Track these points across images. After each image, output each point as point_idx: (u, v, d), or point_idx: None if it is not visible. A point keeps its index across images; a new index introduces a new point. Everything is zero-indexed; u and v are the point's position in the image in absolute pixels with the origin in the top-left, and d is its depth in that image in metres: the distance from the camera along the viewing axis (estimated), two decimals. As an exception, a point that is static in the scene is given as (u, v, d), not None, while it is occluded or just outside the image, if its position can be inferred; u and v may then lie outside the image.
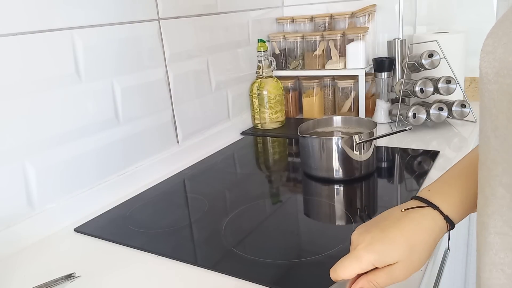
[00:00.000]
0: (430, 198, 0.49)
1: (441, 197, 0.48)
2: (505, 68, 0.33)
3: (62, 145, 0.83)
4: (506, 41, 0.33)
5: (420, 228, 0.46)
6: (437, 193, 0.49)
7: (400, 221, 0.47)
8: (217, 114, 1.25)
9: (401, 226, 0.46)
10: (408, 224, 0.47)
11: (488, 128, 0.36)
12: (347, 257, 0.47)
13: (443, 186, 0.51)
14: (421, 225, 0.47)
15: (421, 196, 0.50)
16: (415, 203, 0.49)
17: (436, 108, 1.16)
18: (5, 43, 0.73)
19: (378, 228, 0.47)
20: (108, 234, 0.78)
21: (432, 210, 0.48)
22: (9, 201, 0.76)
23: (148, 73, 1.00)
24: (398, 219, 0.47)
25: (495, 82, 0.34)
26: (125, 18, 0.93)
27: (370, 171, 0.94)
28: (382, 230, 0.47)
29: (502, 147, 0.35)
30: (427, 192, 0.50)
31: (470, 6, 1.31)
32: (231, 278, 0.62)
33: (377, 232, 0.47)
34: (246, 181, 1.01)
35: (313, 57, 1.39)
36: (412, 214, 0.48)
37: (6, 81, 0.73)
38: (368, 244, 0.46)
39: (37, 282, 0.59)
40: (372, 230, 0.48)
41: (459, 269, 1.18)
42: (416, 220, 0.47)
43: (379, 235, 0.46)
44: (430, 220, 0.47)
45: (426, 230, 0.47)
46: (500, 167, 0.35)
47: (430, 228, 0.47)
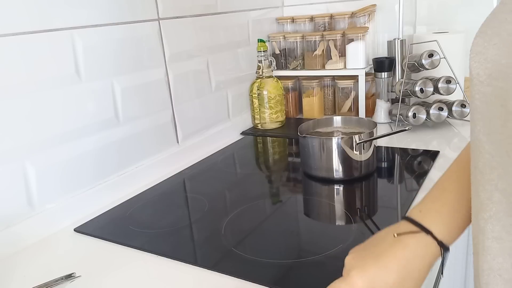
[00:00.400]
0: (422, 221, 0.47)
1: (433, 220, 0.47)
2: (498, 70, 0.32)
3: (62, 145, 0.83)
4: (497, 42, 0.33)
5: (414, 256, 0.45)
6: (428, 214, 0.48)
7: (393, 247, 0.46)
8: (217, 114, 1.25)
9: (394, 253, 0.45)
10: (402, 251, 0.45)
11: (480, 132, 0.35)
12: (340, 281, 0.46)
13: (434, 206, 0.48)
14: (415, 253, 0.45)
15: (413, 218, 0.48)
16: (407, 227, 0.48)
17: (436, 108, 1.16)
18: (5, 43, 0.73)
19: (371, 253, 0.46)
20: (108, 234, 0.78)
21: (425, 236, 0.46)
22: (9, 201, 0.76)
23: (148, 73, 1.00)
24: (391, 245, 0.46)
25: (488, 85, 0.33)
26: (125, 18, 0.93)
27: (370, 171, 0.94)
28: (376, 257, 0.46)
29: (497, 152, 0.34)
30: (419, 213, 0.48)
31: (470, 6, 1.31)
32: (231, 278, 0.62)
33: (371, 257, 0.46)
34: (246, 181, 1.01)
35: (313, 57, 1.39)
36: (405, 240, 0.46)
37: (6, 81, 0.73)
38: (361, 270, 0.45)
39: (37, 282, 0.59)
40: (365, 255, 0.47)
41: (459, 269, 1.18)
42: (409, 248, 0.46)
43: (373, 261, 0.45)
44: (423, 247, 0.46)
45: (420, 257, 0.45)
46: (496, 172, 0.35)
47: (424, 255, 0.46)
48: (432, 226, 0.46)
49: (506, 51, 0.32)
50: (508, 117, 0.32)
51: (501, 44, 0.32)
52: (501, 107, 0.32)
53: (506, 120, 0.32)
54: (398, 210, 0.79)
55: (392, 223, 0.73)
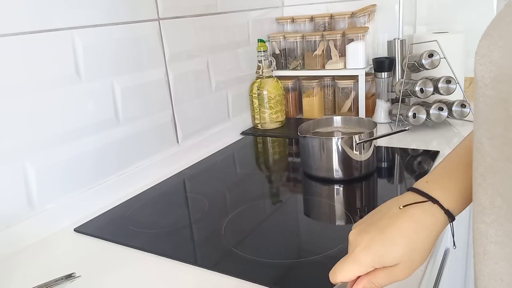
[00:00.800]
0: (429, 191, 0.46)
1: (440, 190, 0.46)
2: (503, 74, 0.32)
3: (62, 145, 0.83)
4: (502, 44, 0.32)
5: (420, 226, 0.45)
6: (436, 185, 0.47)
7: (399, 219, 0.45)
8: (217, 114, 1.25)
9: (401, 225, 0.45)
10: (408, 222, 0.45)
11: (482, 135, 0.35)
12: (345, 259, 0.45)
13: (442, 177, 0.48)
14: (421, 223, 0.45)
15: (419, 189, 0.48)
16: (413, 197, 0.47)
17: (436, 108, 1.16)
18: (5, 43, 0.73)
19: (376, 228, 0.45)
20: (108, 234, 0.78)
21: (432, 205, 0.45)
22: (9, 201, 0.76)
23: (148, 73, 1.00)
24: (397, 217, 0.45)
25: (493, 88, 0.33)
26: (125, 18, 0.93)
27: (370, 171, 0.94)
28: (381, 231, 0.45)
29: (500, 156, 0.34)
30: (425, 184, 0.48)
31: (470, 6, 1.31)
32: (231, 278, 0.62)
33: (376, 232, 0.45)
34: (246, 181, 1.01)
35: (313, 57, 1.39)
36: (411, 210, 0.45)
37: (6, 81, 0.73)
38: (366, 246, 0.44)
39: (37, 282, 0.59)
40: (370, 230, 0.46)
41: (459, 269, 1.18)
42: (416, 218, 0.45)
43: (378, 235, 0.44)
44: (430, 217, 0.45)
45: (427, 227, 0.45)
46: (498, 176, 0.34)
47: (431, 225, 0.45)
48: (439, 195, 0.46)
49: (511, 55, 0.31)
50: (510, 121, 0.32)
51: (506, 47, 0.32)
52: (504, 111, 0.32)
53: (509, 124, 0.32)
54: (398, 210, 0.79)
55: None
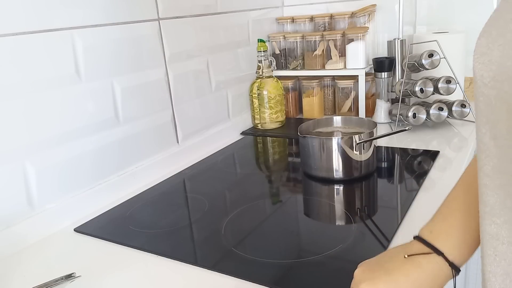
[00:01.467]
0: (433, 242, 0.47)
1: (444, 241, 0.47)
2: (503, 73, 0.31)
3: (62, 145, 0.83)
4: (502, 43, 0.32)
5: (426, 275, 0.45)
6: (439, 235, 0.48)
7: (406, 265, 0.46)
8: (217, 114, 1.25)
9: (406, 271, 0.45)
10: (414, 269, 0.46)
11: (485, 135, 0.35)
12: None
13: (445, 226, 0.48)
14: (427, 272, 0.45)
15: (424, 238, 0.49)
16: (418, 247, 0.48)
17: (436, 108, 1.16)
18: (5, 43, 0.73)
19: (383, 269, 0.47)
20: (108, 234, 0.78)
21: (437, 257, 0.46)
22: (9, 201, 0.76)
23: (148, 73, 1.00)
24: (403, 263, 0.46)
25: (493, 88, 0.32)
26: (125, 18, 0.93)
27: (370, 171, 0.94)
28: (387, 272, 0.46)
29: (505, 157, 0.33)
30: (430, 234, 0.49)
31: (470, 6, 1.31)
32: (231, 278, 0.62)
33: (382, 273, 0.46)
34: (246, 181, 1.01)
35: (313, 57, 1.39)
36: (417, 258, 0.46)
37: (6, 81, 0.73)
38: (371, 284, 0.45)
39: (37, 282, 0.59)
40: (376, 269, 0.47)
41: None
42: (422, 266, 0.46)
43: (384, 276, 0.45)
44: (435, 267, 0.46)
45: (432, 277, 0.45)
46: (505, 177, 0.34)
47: (435, 275, 0.46)
48: (443, 247, 0.47)
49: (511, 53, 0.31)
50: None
51: (506, 46, 0.31)
52: (506, 113, 0.31)
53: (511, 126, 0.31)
54: (398, 210, 0.79)
55: (392, 223, 0.73)
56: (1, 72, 0.72)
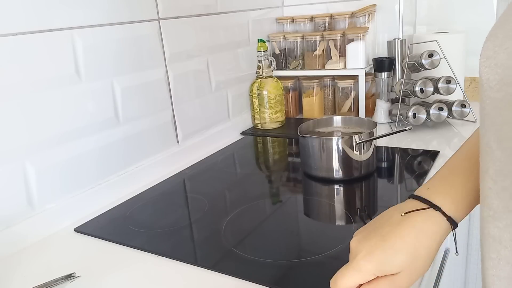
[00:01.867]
0: (431, 198, 0.46)
1: (442, 196, 0.46)
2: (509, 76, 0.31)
3: (62, 145, 0.83)
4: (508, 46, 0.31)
5: (423, 233, 0.44)
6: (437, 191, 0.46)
7: (400, 226, 0.45)
8: (217, 114, 1.25)
9: (402, 233, 0.44)
10: (410, 230, 0.44)
11: (490, 138, 0.34)
12: (347, 267, 0.45)
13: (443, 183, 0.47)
14: (423, 230, 0.44)
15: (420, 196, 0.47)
16: (415, 204, 0.47)
17: (436, 108, 1.16)
18: (5, 43, 0.72)
19: (378, 235, 0.45)
20: (108, 234, 0.78)
21: (434, 212, 0.45)
22: (9, 201, 0.76)
23: (148, 73, 1.00)
24: (398, 224, 0.45)
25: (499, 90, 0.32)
26: (125, 18, 0.93)
27: (370, 171, 0.94)
28: (382, 238, 0.44)
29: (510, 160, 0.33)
30: (426, 190, 0.47)
31: (470, 6, 1.31)
32: (231, 278, 0.62)
33: (377, 240, 0.44)
34: (246, 181, 1.01)
35: (313, 57, 1.39)
36: (413, 217, 0.45)
37: (6, 81, 0.73)
38: (368, 254, 0.44)
39: (37, 282, 0.59)
40: (371, 237, 0.45)
41: (459, 269, 1.18)
42: (418, 225, 0.44)
43: (380, 243, 0.44)
44: (433, 224, 0.44)
45: (429, 235, 0.44)
46: (509, 180, 0.33)
47: (433, 232, 0.44)
48: (441, 202, 0.45)
49: None
50: None
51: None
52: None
53: None
54: (398, 210, 0.79)
55: (392, 223, 0.73)
56: (2, 72, 0.72)
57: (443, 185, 0.47)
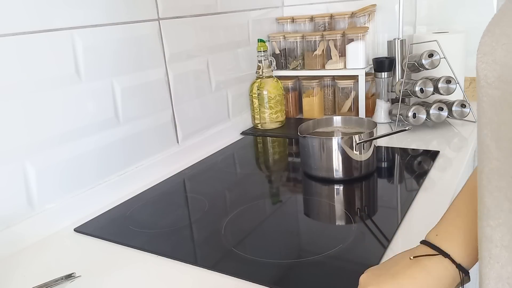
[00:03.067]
0: (440, 244, 0.47)
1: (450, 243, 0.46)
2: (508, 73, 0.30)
3: (62, 145, 0.83)
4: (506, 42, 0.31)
5: (431, 277, 0.45)
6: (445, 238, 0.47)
7: (411, 268, 0.46)
8: (217, 114, 1.25)
9: (412, 274, 0.45)
10: (419, 272, 0.45)
11: (487, 136, 0.34)
12: None
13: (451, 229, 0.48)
14: (432, 274, 0.45)
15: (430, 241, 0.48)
16: (424, 250, 0.47)
17: (436, 108, 1.16)
18: (5, 43, 0.73)
19: (388, 273, 0.46)
20: (108, 234, 0.78)
21: (443, 259, 0.45)
22: (9, 201, 0.76)
23: (148, 73, 1.00)
24: (409, 266, 0.46)
25: (497, 88, 0.32)
26: (125, 18, 0.93)
27: (370, 171, 0.94)
28: (392, 276, 0.45)
29: (507, 160, 0.32)
30: (435, 237, 0.48)
31: (470, 6, 1.31)
32: (231, 278, 0.62)
33: (387, 277, 0.46)
34: (246, 181, 1.01)
35: (313, 57, 1.39)
36: (423, 261, 0.46)
37: (6, 81, 0.73)
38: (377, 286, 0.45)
39: (37, 282, 0.59)
40: (382, 274, 0.47)
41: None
42: (427, 269, 0.45)
43: (390, 280, 0.45)
44: (442, 269, 0.45)
45: (438, 278, 0.45)
46: (504, 180, 0.33)
47: (442, 277, 0.45)
48: (449, 249, 0.46)
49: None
50: None
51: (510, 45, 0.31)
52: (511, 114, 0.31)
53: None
54: (398, 210, 0.79)
55: (392, 223, 0.73)
56: (2, 72, 0.72)
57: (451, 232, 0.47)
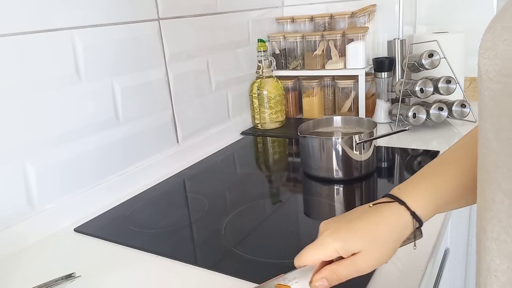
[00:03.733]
0: (399, 195, 0.50)
1: (409, 194, 0.49)
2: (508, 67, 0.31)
3: (62, 145, 0.83)
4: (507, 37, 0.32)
5: (385, 221, 0.48)
6: (406, 190, 0.50)
7: (366, 214, 0.49)
8: (217, 114, 1.25)
9: (366, 218, 0.48)
10: (374, 216, 0.48)
11: (488, 130, 0.35)
12: (312, 243, 0.48)
13: (413, 183, 0.51)
14: (386, 218, 0.48)
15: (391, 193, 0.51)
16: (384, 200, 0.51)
17: (436, 108, 1.16)
18: (5, 43, 0.73)
19: (344, 218, 0.50)
20: (108, 234, 0.78)
21: (399, 206, 0.49)
22: (9, 201, 0.76)
23: (148, 73, 1.00)
24: (364, 212, 0.49)
25: (498, 82, 0.32)
26: (125, 18, 0.93)
27: (370, 171, 0.94)
28: (348, 221, 0.49)
29: (504, 151, 0.33)
30: (397, 190, 0.51)
31: (470, 6, 1.31)
32: (231, 278, 0.62)
33: (343, 222, 0.49)
34: (246, 181, 1.01)
35: (313, 57, 1.39)
36: (378, 208, 0.49)
37: (6, 81, 0.73)
38: (333, 232, 0.47)
39: (37, 282, 0.59)
40: (339, 220, 0.50)
41: (459, 269, 1.18)
42: (382, 214, 0.48)
43: (345, 224, 0.48)
44: (395, 214, 0.48)
45: (390, 222, 0.48)
46: (500, 171, 0.34)
47: (394, 221, 0.48)
48: (407, 199, 0.49)
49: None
50: None
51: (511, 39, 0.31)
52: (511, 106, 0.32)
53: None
54: (398, 210, 0.79)
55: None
56: (2, 72, 0.72)
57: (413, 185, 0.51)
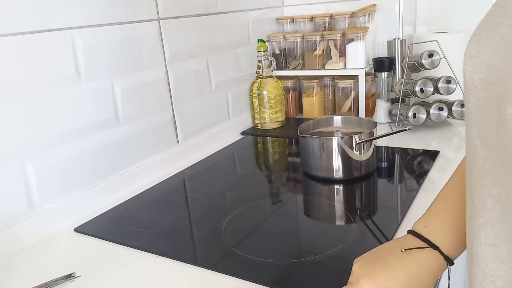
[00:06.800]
0: (428, 236, 0.49)
1: (438, 235, 0.49)
2: (493, 75, 0.32)
3: (62, 145, 0.83)
4: (491, 46, 0.32)
5: (422, 268, 0.48)
6: (434, 230, 0.50)
7: (403, 259, 0.48)
8: (217, 114, 1.25)
9: (404, 265, 0.47)
10: (411, 263, 0.48)
11: (474, 136, 0.35)
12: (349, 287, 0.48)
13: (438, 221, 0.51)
14: (423, 265, 0.48)
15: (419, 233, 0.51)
16: (414, 241, 0.50)
17: (436, 108, 1.16)
18: (5, 43, 0.72)
19: (381, 264, 0.48)
20: (108, 234, 0.78)
21: (433, 251, 0.48)
22: (9, 201, 0.76)
23: (148, 73, 1.00)
24: (401, 257, 0.48)
25: (482, 89, 0.33)
26: (125, 18, 0.93)
27: (370, 171, 0.94)
28: (385, 266, 0.48)
29: (491, 158, 0.34)
30: (424, 228, 0.51)
31: (470, 6, 1.31)
32: (231, 278, 0.62)
33: (381, 267, 0.48)
34: (246, 181, 1.01)
35: (313, 57, 1.39)
36: (413, 253, 0.49)
37: (6, 81, 0.73)
38: (371, 278, 0.46)
39: (37, 282, 0.59)
40: (375, 264, 0.48)
41: (459, 270, 1.18)
42: (418, 260, 0.48)
43: (383, 269, 0.47)
44: (431, 261, 0.48)
45: (428, 269, 0.48)
46: (489, 177, 0.34)
47: (432, 267, 0.48)
48: (438, 241, 0.49)
49: (501, 55, 0.31)
50: (502, 123, 0.32)
51: (495, 48, 0.32)
52: (496, 112, 0.32)
53: (501, 126, 0.32)
54: (398, 210, 0.79)
55: (392, 223, 0.73)
56: (2, 72, 0.72)
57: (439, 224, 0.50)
